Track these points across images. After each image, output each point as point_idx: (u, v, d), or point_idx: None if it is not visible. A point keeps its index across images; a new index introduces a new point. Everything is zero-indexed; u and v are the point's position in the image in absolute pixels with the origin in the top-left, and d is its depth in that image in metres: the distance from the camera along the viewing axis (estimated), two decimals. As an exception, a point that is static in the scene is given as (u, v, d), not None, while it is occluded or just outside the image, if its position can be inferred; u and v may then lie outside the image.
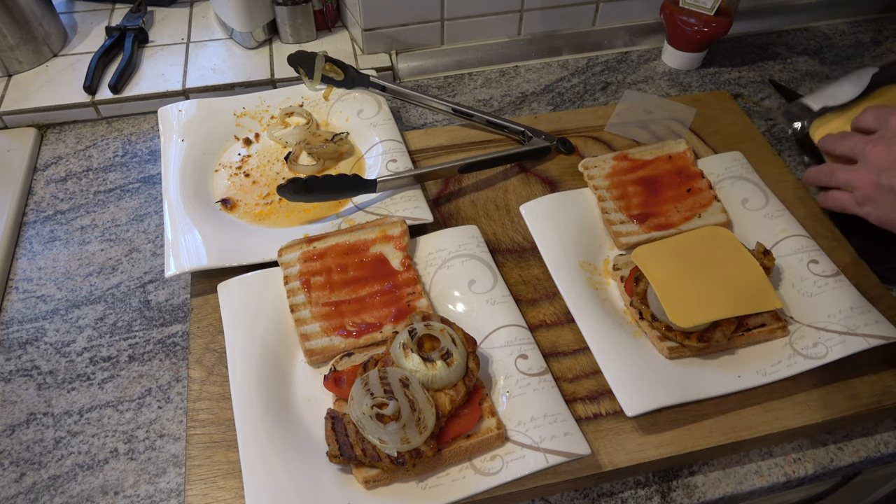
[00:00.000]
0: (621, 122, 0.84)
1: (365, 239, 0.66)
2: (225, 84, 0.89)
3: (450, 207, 0.75)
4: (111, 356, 0.64)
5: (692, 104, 0.85)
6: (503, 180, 0.78)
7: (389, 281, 0.63)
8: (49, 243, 0.73)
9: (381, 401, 0.50)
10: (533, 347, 0.59)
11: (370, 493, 0.51)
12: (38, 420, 0.60)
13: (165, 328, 0.66)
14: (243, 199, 0.73)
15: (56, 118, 0.86)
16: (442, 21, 0.93)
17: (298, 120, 0.81)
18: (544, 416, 0.54)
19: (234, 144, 0.79)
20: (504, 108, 0.90)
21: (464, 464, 0.53)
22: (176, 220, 0.68)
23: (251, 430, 0.54)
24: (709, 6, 0.88)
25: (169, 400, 0.61)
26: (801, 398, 0.58)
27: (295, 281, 0.63)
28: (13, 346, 0.65)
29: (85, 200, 0.78)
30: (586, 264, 0.66)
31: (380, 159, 0.76)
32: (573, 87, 0.93)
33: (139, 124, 0.87)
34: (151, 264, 0.71)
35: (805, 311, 0.62)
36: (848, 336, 0.58)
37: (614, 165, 0.73)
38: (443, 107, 0.83)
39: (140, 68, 0.91)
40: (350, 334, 0.60)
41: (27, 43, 0.88)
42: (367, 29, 0.92)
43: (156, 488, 0.56)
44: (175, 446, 0.58)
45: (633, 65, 0.97)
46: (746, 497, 0.57)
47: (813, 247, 0.66)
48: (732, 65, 0.97)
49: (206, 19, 1.00)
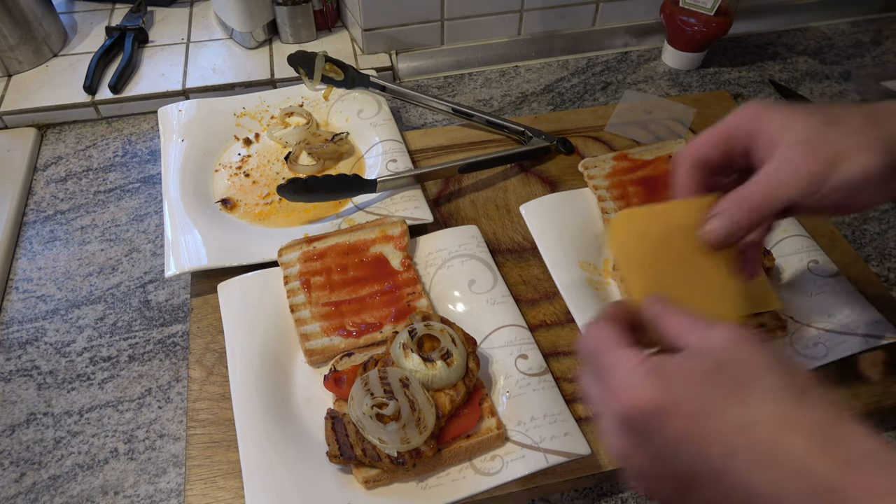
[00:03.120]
0: (621, 122, 0.84)
1: (365, 239, 0.66)
2: (225, 84, 0.89)
3: (450, 207, 0.75)
4: (111, 356, 0.64)
5: (692, 104, 0.85)
6: (503, 180, 0.78)
7: (389, 281, 0.63)
8: (49, 243, 0.73)
9: (381, 401, 0.50)
10: (533, 347, 0.59)
11: (370, 493, 0.51)
12: (38, 420, 0.60)
13: (165, 328, 0.66)
14: (243, 199, 0.73)
15: (56, 118, 0.86)
16: (442, 21, 0.93)
17: (298, 120, 0.81)
18: (544, 416, 0.54)
19: (234, 144, 0.79)
20: (504, 108, 0.90)
21: (464, 464, 0.53)
22: (176, 220, 0.68)
23: (251, 430, 0.54)
24: (709, 6, 0.88)
25: (169, 400, 0.61)
26: (801, 398, 0.58)
27: (295, 281, 0.63)
28: (13, 346, 0.65)
29: (85, 200, 0.78)
30: (586, 264, 0.66)
31: (380, 159, 0.76)
32: (573, 87, 0.93)
33: (139, 124, 0.87)
34: (151, 264, 0.71)
35: (805, 311, 0.62)
36: (848, 336, 0.58)
37: (614, 165, 0.73)
38: (443, 107, 0.83)
39: (140, 68, 0.91)
40: (350, 334, 0.60)
41: (27, 43, 0.88)
42: (367, 29, 0.92)
43: (156, 488, 0.56)
44: (175, 446, 0.58)
45: (633, 65, 0.97)
46: (746, 497, 0.57)
47: (813, 247, 0.66)
48: (732, 65, 0.97)
49: (206, 19, 1.00)
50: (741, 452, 0.30)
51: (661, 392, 0.32)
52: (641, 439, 0.34)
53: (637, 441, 0.34)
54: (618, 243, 0.43)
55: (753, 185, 0.40)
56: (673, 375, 0.33)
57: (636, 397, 0.33)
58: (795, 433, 0.29)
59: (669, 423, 0.32)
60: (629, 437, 0.34)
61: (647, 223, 0.44)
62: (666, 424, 0.32)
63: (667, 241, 0.44)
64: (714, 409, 0.31)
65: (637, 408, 0.33)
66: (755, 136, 0.40)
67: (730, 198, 0.41)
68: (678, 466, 0.32)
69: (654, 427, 0.32)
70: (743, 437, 0.30)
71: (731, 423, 0.31)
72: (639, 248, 0.43)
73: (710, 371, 0.32)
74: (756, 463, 0.30)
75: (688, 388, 0.32)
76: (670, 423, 0.32)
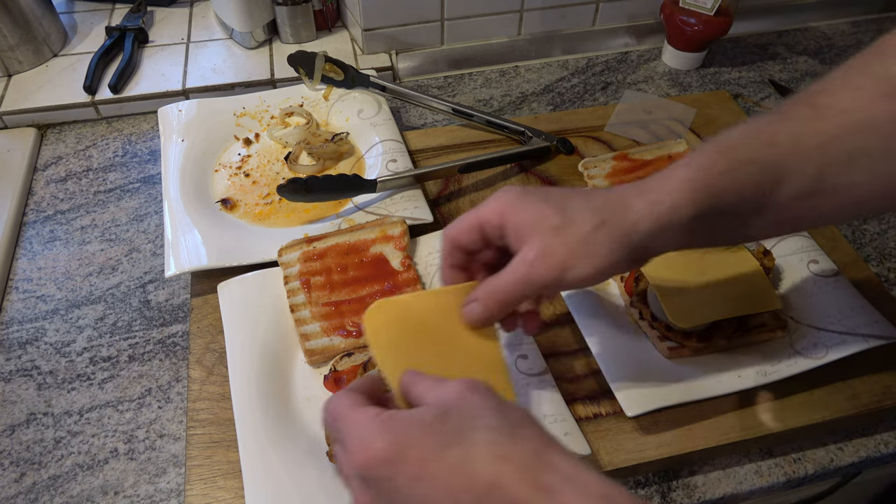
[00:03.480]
0: (621, 122, 0.84)
1: (365, 239, 0.66)
2: (225, 84, 0.89)
3: (450, 207, 0.75)
4: (111, 356, 0.64)
5: (692, 104, 0.85)
6: (503, 180, 0.78)
7: (389, 281, 0.63)
8: (49, 243, 0.73)
9: (380, 401, 0.50)
10: (533, 347, 0.59)
11: (370, 493, 0.51)
12: (38, 420, 0.60)
13: (165, 328, 0.66)
14: (243, 199, 0.73)
15: (56, 118, 0.86)
16: (442, 21, 0.93)
17: (298, 120, 0.81)
18: (544, 416, 0.54)
19: (234, 144, 0.79)
20: (504, 108, 0.90)
21: (464, 464, 0.53)
22: (176, 220, 0.68)
23: (251, 430, 0.54)
24: (709, 6, 0.88)
25: (169, 400, 0.61)
26: (801, 398, 0.58)
27: (295, 281, 0.63)
28: (13, 346, 0.65)
29: (85, 200, 0.78)
30: (586, 264, 0.66)
31: (380, 159, 0.76)
32: (573, 87, 0.93)
33: (139, 124, 0.87)
34: (151, 264, 0.71)
35: (805, 311, 0.62)
36: (848, 336, 0.58)
37: (614, 165, 0.73)
38: (443, 107, 0.83)
39: (140, 68, 0.91)
40: (350, 334, 0.60)
41: (27, 43, 0.88)
42: (367, 29, 0.92)
43: (156, 488, 0.56)
44: (175, 446, 0.58)
45: (633, 65, 0.97)
46: (746, 497, 0.57)
47: (813, 247, 0.66)
48: (732, 65, 0.97)
49: (206, 19, 1.00)
50: (461, 491, 0.32)
51: (391, 442, 0.34)
52: (378, 490, 0.35)
53: (376, 493, 0.35)
54: (371, 331, 0.45)
55: (502, 279, 0.43)
56: (402, 424, 0.35)
57: (368, 449, 0.34)
58: (508, 465, 0.32)
59: (399, 470, 0.34)
60: (369, 491, 0.35)
61: (401, 311, 0.46)
62: (397, 472, 0.34)
63: (424, 325, 0.46)
64: (435, 452, 0.33)
65: (370, 459, 0.34)
66: (505, 226, 0.44)
67: (483, 287, 0.45)
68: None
69: (387, 476, 0.34)
70: (461, 477, 0.32)
71: (451, 464, 0.33)
72: (393, 334, 0.45)
73: (436, 417, 0.35)
74: (477, 497, 0.32)
75: (414, 436, 0.34)
76: (400, 471, 0.34)
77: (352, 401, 0.38)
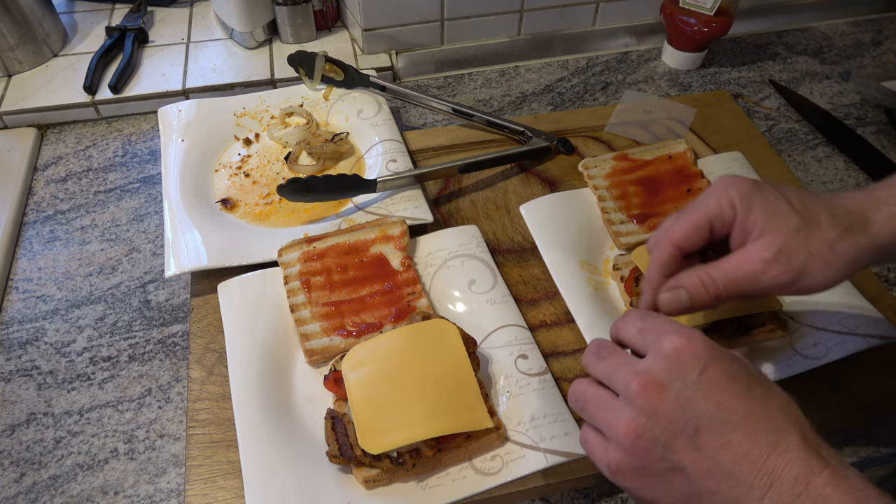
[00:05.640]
0: (621, 122, 0.84)
1: (365, 239, 0.66)
2: (225, 84, 0.89)
3: (450, 207, 0.75)
4: (111, 356, 0.64)
5: (692, 104, 0.85)
6: (503, 180, 0.78)
7: (389, 281, 0.63)
8: (49, 243, 0.73)
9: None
10: (533, 347, 0.59)
11: (370, 493, 0.51)
12: (38, 420, 0.60)
13: (165, 328, 0.66)
14: (243, 199, 0.73)
15: (56, 118, 0.86)
16: (442, 21, 0.93)
17: (298, 120, 0.81)
18: (544, 416, 0.54)
19: (234, 144, 0.79)
20: (504, 108, 0.90)
21: (464, 464, 0.53)
22: (176, 220, 0.68)
23: (251, 430, 0.54)
24: (709, 6, 0.88)
25: (169, 400, 0.61)
26: (801, 398, 0.58)
27: (295, 281, 0.63)
28: (13, 346, 0.65)
29: (85, 200, 0.78)
30: (586, 264, 0.66)
31: (380, 159, 0.76)
32: (573, 87, 0.93)
33: (139, 124, 0.87)
34: (151, 264, 0.71)
35: (805, 311, 0.62)
36: (848, 336, 0.58)
37: (614, 165, 0.73)
38: (443, 107, 0.83)
39: (140, 68, 0.91)
40: (350, 334, 0.60)
41: (27, 43, 0.88)
42: (367, 29, 0.92)
43: (156, 488, 0.56)
44: (175, 446, 0.58)
45: (633, 65, 0.97)
46: (746, 497, 0.57)
47: (813, 247, 0.66)
48: (732, 65, 0.97)
49: (206, 19, 1.00)
50: (758, 422, 0.36)
51: (707, 347, 0.38)
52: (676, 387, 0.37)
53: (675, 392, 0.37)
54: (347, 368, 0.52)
55: (724, 273, 0.41)
56: (718, 350, 0.38)
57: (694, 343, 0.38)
58: (801, 423, 0.37)
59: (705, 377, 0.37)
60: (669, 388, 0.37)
61: (370, 351, 0.54)
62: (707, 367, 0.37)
63: (392, 360, 0.53)
64: (745, 384, 0.38)
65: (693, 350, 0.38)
66: (735, 220, 0.41)
67: (691, 277, 0.42)
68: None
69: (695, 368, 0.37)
70: (761, 405, 0.37)
71: (756, 394, 0.38)
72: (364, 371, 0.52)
73: (737, 363, 0.39)
74: (775, 432, 0.36)
75: (727, 358, 0.38)
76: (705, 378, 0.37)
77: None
